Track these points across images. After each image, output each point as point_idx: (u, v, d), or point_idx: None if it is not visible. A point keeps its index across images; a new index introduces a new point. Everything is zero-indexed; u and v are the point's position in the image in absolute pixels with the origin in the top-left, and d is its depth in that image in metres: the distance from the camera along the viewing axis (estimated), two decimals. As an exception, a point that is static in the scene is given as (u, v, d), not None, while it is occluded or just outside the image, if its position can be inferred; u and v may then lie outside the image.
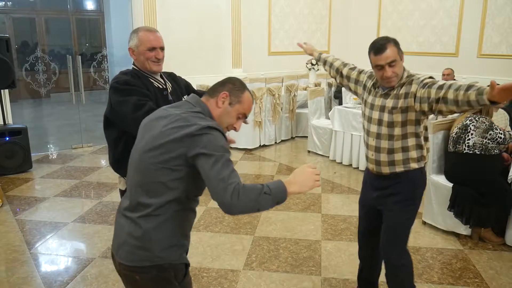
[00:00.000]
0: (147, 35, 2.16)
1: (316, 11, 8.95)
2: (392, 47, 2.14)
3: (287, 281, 2.99)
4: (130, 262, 1.55)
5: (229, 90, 1.64)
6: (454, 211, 3.53)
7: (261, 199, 1.44)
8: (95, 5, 12.88)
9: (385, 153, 2.26)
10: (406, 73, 2.20)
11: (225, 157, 1.49)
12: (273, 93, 6.53)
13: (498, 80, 1.88)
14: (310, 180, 1.55)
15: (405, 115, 2.17)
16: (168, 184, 1.51)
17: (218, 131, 1.53)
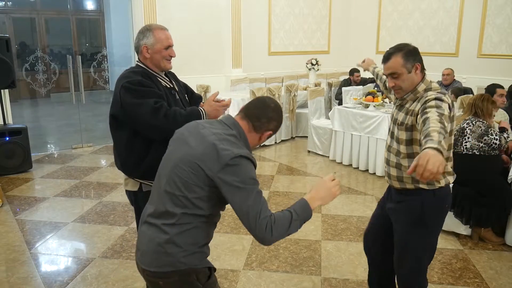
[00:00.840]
0: (164, 33, 2.14)
1: (316, 11, 8.95)
2: (397, 58, 2.00)
3: (287, 281, 2.99)
4: (153, 268, 1.58)
5: (274, 129, 1.72)
6: (454, 211, 3.53)
7: (292, 227, 1.52)
8: (95, 5, 12.88)
9: (394, 167, 2.14)
10: (424, 86, 2.03)
11: (255, 190, 1.50)
12: (273, 93, 6.53)
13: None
14: (330, 193, 1.64)
15: (409, 133, 2.02)
16: (193, 201, 1.55)
17: (249, 161, 1.54)
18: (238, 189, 1.48)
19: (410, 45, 2.07)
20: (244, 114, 1.68)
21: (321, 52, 9.03)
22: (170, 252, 1.55)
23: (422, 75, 2.06)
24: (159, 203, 1.61)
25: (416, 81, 2.03)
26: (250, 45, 7.91)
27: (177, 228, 1.56)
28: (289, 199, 4.49)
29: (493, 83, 4.81)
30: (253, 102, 1.73)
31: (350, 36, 9.52)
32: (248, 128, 1.66)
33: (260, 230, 1.46)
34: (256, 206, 1.47)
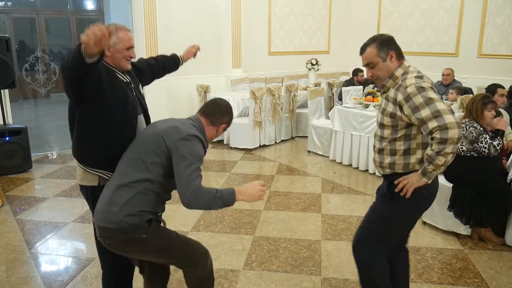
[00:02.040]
0: (127, 34, 2.19)
1: (316, 11, 8.95)
2: (371, 48, 2.08)
3: (287, 281, 2.99)
4: (101, 222, 1.93)
5: (227, 122, 2.19)
6: (454, 211, 3.53)
7: (212, 202, 1.85)
8: (95, 5, 12.87)
9: (377, 153, 2.19)
10: (402, 71, 2.08)
11: (197, 165, 1.88)
12: (273, 93, 6.53)
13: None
14: (256, 194, 1.98)
15: (394, 120, 2.06)
16: (147, 165, 1.92)
17: (201, 143, 1.97)
18: (184, 158, 1.85)
19: (384, 35, 2.13)
20: (202, 112, 2.16)
21: (321, 52, 9.04)
22: (115, 211, 1.89)
23: (399, 62, 2.10)
24: (118, 169, 2.00)
25: (392, 68, 2.09)
26: (250, 45, 7.91)
27: (125, 191, 1.91)
28: (289, 199, 4.49)
29: (494, 83, 4.81)
30: (207, 103, 2.21)
31: (350, 36, 9.52)
32: (206, 122, 2.12)
33: (187, 194, 1.80)
34: (191, 175, 1.83)
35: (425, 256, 3.32)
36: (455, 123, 1.86)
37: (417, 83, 1.95)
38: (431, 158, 1.91)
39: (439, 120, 1.86)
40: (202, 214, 4.11)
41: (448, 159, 1.90)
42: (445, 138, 1.85)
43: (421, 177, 1.98)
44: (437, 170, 1.94)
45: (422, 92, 1.92)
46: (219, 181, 5.06)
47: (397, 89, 2.02)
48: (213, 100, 2.21)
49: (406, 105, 1.95)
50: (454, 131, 1.84)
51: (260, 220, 3.97)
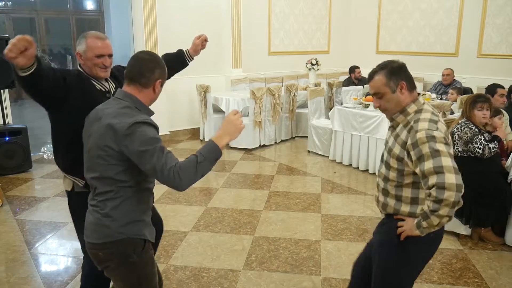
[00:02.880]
0: (95, 42, 2.15)
1: (316, 11, 8.94)
2: (380, 76, 1.88)
3: (287, 281, 2.99)
4: (94, 239, 1.78)
5: (161, 75, 1.83)
6: (454, 211, 3.53)
7: (199, 169, 1.65)
8: (95, 5, 12.87)
9: (381, 193, 2.00)
10: (415, 108, 1.88)
11: (157, 147, 1.64)
12: (273, 93, 6.53)
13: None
14: (235, 126, 1.76)
15: (401, 164, 1.86)
16: (116, 178, 1.73)
17: (145, 124, 1.68)
18: (142, 153, 1.63)
19: (395, 62, 1.92)
20: (128, 79, 1.81)
21: (321, 52, 9.03)
22: (107, 225, 1.75)
23: (411, 94, 1.90)
24: (92, 188, 1.82)
25: (403, 101, 1.88)
26: (250, 45, 7.91)
27: (110, 203, 1.75)
28: (289, 199, 4.49)
29: (494, 83, 4.81)
30: (129, 63, 1.83)
31: (350, 36, 9.52)
32: (137, 89, 1.79)
33: (170, 180, 1.61)
34: (160, 161, 1.61)
35: (425, 256, 3.32)
36: (456, 184, 1.66)
37: (428, 130, 1.76)
38: (425, 214, 1.74)
39: (439, 177, 1.67)
40: (202, 214, 4.11)
41: (443, 221, 1.72)
42: (440, 198, 1.66)
43: (415, 228, 1.80)
44: (430, 228, 1.76)
45: (431, 141, 1.72)
46: (219, 181, 5.06)
47: (408, 131, 1.83)
48: (134, 57, 1.84)
49: (413, 151, 1.77)
50: (451, 194, 1.65)
51: (260, 220, 3.97)
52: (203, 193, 4.69)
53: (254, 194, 4.66)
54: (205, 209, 4.23)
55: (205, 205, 4.33)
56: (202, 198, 4.54)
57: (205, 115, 6.79)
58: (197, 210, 4.20)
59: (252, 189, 4.82)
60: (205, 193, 4.71)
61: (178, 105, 7.15)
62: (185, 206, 4.33)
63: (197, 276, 3.04)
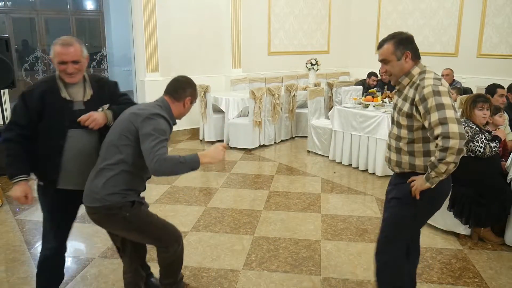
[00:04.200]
0: (58, 48, 2.25)
1: (316, 11, 8.95)
2: (388, 45, 2.12)
3: (287, 281, 2.99)
4: (88, 203, 2.22)
5: (191, 95, 2.35)
6: (453, 211, 3.53)
7: (176, 167, 2.04)
8: (95, 5, 12.87)
9: (394, 152, 2.19)
10: (419, 70, 2.13)
11: (161, 138, 2.05)
12: (273, 93, 6.53)
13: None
14: (218, 155, 2.17)
15: (410, 120, 2.08)
16: (120, 148, 2.15)
17: (165, 120, 2.15)
18: (149, 135, 2.04)
19: (404, 34, 2.15)
20: (166, 92, 2.33)
21: (320, 52, 9.03)
22: (97, 192, 2.16)
23: (413, 62, 2.14)
24: (100, 155, 2.24)
25: (406, 68, 2.12)
26: (250, 45, 7.91)
27: (105, 172, 2.16)
28: (289, 199, 4.49)
29: (494, 83, 4.81)
30: (170, 82, 2.35)
31: (350, 36, 9.53)
32: (171, 100, 2.29)
33: (152, 162, 1.99)
34: (155, 147, 2.01)
35: (424, 256, 3.32)
36: (458, 133, 1.87)
37: (434, 85, 1.98)
38: (433, 164, 1.94)
39: (444, 127, 1.88)
40: (202, 214, 4.11)
41: (450, 167, 1.92)
42: (446, 146, 1.87)
43: (425, 182, 2.01)
44: (439, 177, 1.96)
45: (437, 96, 1.94)
46: (219, 181, 5.06)
47: (415, 88, 2.05)
48: (174, 78, 2.37)
49: (421, 106, 1.98)
50: (455, 142, 1.86)
51: (259, 220, 3.98)
52: (203, 193, 4.69)
53: (254, 194, 4.66)
54: (205, 209, 4.23)
55: (205, 205, 4.33)
56: (202, 198, 4.54)
57: (205, 115, 6.79)
58: (197, 210, 4.20)
59: (252, 189, 4.82)
60: (205, 193, 4.71)
61: (178, 105, 7.14)
62: (185, 206, 4.33)
63: (197, 276, 3.04)
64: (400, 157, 2.15)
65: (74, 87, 2.33)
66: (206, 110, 6.75)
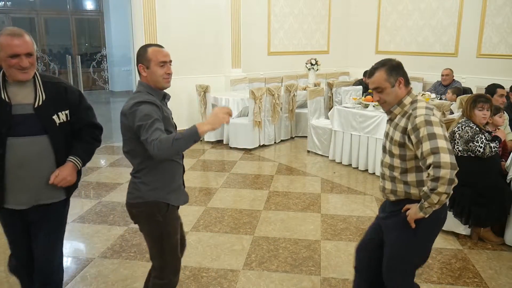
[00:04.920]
0: (7, 39, 1.92)
1: (316, 11, 8.95)
2: (381, 72, 2.09)
3: (287, 281, 2.99)
4: (129, 200, 2.20)
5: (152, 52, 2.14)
6: (453, 211, 3.53)
7: (175, 144, 1.91)
8: (95, 5, 12.87)
9: (389, 181, 2.17)
10: (410, 99, 2.10)
11: (149, 122, 1.96)
12: (273, 93, 6.53)
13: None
14: (218, 119, 1.97)
15: (403, 149, 2.07)
16: (136, 150, 2.10)
17: (144, 103, 2.03)
18: (140, 127, 1.97)
19: (393, 60, 2.14)
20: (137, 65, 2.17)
21: (320, 52, 9.04)
22: (138, 188, 2.13)
23: (407, 89, 2.13)
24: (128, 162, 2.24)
25: (400, 94, 2.11)
26: (250, 45, 7.91)
27: (140, 172, 2.14)
28: (289, 199, 4.49)
29: (494, 83, 4.81)
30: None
31: (349, 36, 9.53)
32: (142, 69, 2.13)
33: (151, 149, 1.93)
34: (147, 133, 1.93)
35: (424, 256, 3.32)
36: (450, 163, 1.87)
37: (426, 115, 1.98)
38: (426, 195, 1.93)
39: (435, 157, 1.88)
40: (201, 214, 4.11)
41: (442, 198, 1.90)
42: (437, 176, 1.87)
43: (418, 211, 2.00)
44: (432, 207, 1.95)
45: (429, 125, 1.94)
46: (218, 181, 5.06)
47: (407, 118, 2.04)
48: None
49: (413, 135, 1.98)
50: (446, 171, 1.86)
51: (259, 220, 3.98)
52: (203, 193, 4.69)
53: (254, 194, 4.66)
54: (205, 209, 4.23)
55: (204, 205, 4.33)
56: (202, 198, 4.54)
57: (205, 115, 6.78)
58: (197, 210, 4.20)
59: (251, 189, 4.82)
60: (204, 193, 4.71)
61: (178, 105, 7.12)
62: (185, 206, 4.29)
63: (197, 276, 3.04)
64: (395, 186, 2.14)
65: (18, 87, 2.01)
66: (206, 110, 6.75)
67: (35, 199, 2.10)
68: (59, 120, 2.10)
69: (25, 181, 2.05)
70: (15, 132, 1.98)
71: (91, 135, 2.26)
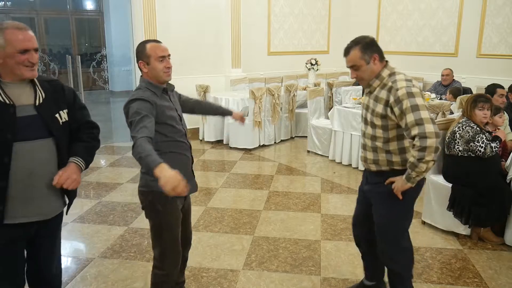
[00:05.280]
0: (20, 33, 1.80)
1: (316, 11, 8.95)
2: (355, 51, 2.19)
3: (287, 281, 2.99)
4: (138, 187, 2.32)
5: (151, 48, 2.22)
6: (453, 211, 3.53)
7: (138, 159, 1.92)
8: (95, 5, 12.88)
9: (370, 152, 2.27)
10: (388, 72, 2.18)
11: (137, 119, 2.04)
12: (273, 93, 6.53)
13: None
14: (172, 184, 1.76)
15: (385, 120, 2.15)
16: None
17: (135, 100, 2.12)
18: (130, 124, 2.07)
19: (367, 37, 2.25)
20: (137, 62, 2.24)
21: (320, 52, 9.03)
22: (144, 177, 2.25)
23: (382, 63, 2.20)
24: None
25: (376, 70, 2.18)
26: (250, 45, 7.91)
27: None
28: (289, 199, 4.49)
29: (493, 83, 4.81)
30: None
31: (349, 36, 9.28)
32: (142, 65, 2.22)
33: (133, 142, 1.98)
34: (135, 129, 2.00)
35: (424, 256, 3.33)
36: (434, 132, 1.96)
37: (407, 87, 2.05)
38: (413, 165, 2.02)
39: (420, 128, 1.96)
40: (201, 214, 4.11)
41: (430, 165, 2.01)
42: (424, 146, 1.96)
43: (405, 182, 2.10)
44: (419, 175, 2.06)
45: (411, 97, 2.02)
46: (218, 181, 5.06)
47: (388, 90, 2.11)
48: None
49: (396, 107, 2.06)
50: (432, 140, 1.95)
51: (259, 220, 3.98)
52: (203, 193, 4.69)
53: (254, 194, 4.66)
54: (205, 209, 4.23)
55: (204, 205, 4.33)
56: (202, 198, 4.54)
57: (205, 115, 6.78)
58: (197, 210, 4.20)
59: (251, 189, 4.82)
60: (204, 193, 4.71)
61: (178, 105, 7.14)
62: (184, 206, 4.32)
63: (197, 276, 3.04)
64: (377, 155, 2.23)
65: (17, 87, 1.84)
66: (206, 110, 6.74)
67: (43, 209, 1.92)
68: (61, 120, 1.96)
69: (33, 190, 1.86)
70: (21, 137, 1.80)
71: (90, 135, 2.12)
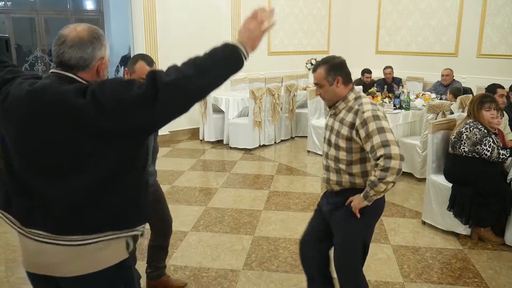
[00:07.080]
0: None
1: (316, 11, 8.95)
2: (321, 70, 2.19)
3: (287, 281, 2.99)
4: None
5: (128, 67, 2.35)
6: (453, 211, 3.53)
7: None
8: (95, 5, 12.87)
9: (334, 173, 2.25)
10: (354, 95, 2.20)
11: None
12: (273, 93, 6.53)
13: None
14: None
15: (350, 142, 2.15)
16: None
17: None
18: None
19: (337, 59, 2.24)
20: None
21: (320, 52, 9.03)
22: None
23: (347, 87, 2.21)
24: None
25: (339, 93, 2.19)
26: (250, 45, 7.90)
27: None
28: (289, 199, 4.49)
29: (494, 83, 4.81)
30: None
31: (349, 36, 9.52)
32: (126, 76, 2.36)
33: None
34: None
35: (424, 256, 3.33)
36: (399, 155, 1.98)
37: (373, 110, 2.08)
38: (373, 183, 2.02)
39: (386, 149, 1.97)
40: (202, 214, 4.11)
41: (389, 187, 2.01)
42: (387, 166, 1.96)
43: (362, 200, 2.10)
44: (377, 195, 2.06)
45: (377, 120, 2.05)
46: (218, 181, 5.06)
47: (355, 113, 2.12)
48: None
49: (362, 129, 2.07)
50: (396, 162, 1.96)
51: (259, 220, 3.98)
52: (203, 193, 4.69)
53: (254, 194, 4.66)
54: (205, 209, 4.23)
55: (205, 205, 4.33)
56: (202, 198, 4.54)
57: (205, 115, 6.78)
58: (197, 210, 4.20)
59: (251, 189, 4.82)
60: (205, 193, 4.71)
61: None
62: (185, 206, 4.33)
63: (197, 276, 3.04)
64: (341, 177, 2.23)
65: None
66: (206, 110, 6.75)
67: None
68: None
69: None
70: None
71: None
